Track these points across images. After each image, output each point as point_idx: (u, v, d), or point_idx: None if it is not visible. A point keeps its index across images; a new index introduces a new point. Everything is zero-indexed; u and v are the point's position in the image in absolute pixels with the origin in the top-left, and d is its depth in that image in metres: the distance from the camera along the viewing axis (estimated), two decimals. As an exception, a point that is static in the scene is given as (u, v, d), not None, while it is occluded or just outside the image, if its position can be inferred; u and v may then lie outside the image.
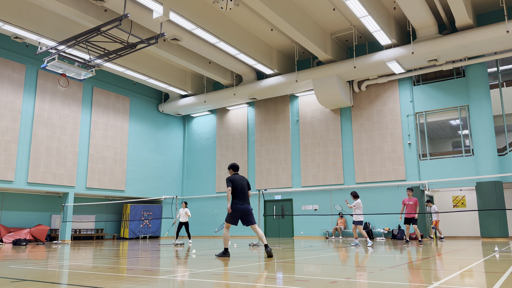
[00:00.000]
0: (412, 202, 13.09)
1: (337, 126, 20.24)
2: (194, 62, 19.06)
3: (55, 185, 18.59)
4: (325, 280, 4.80)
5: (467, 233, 19.06)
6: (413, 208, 13.01)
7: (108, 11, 14.82)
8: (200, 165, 24.48)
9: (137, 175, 22.25)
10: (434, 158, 17.95)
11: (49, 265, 7.09)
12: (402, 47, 16.67)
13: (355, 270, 5.81)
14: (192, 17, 14.73)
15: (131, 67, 19.35)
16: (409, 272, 5.58)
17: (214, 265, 6.77)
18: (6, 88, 17.23)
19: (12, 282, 4.87)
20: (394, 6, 16.44)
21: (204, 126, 24.84)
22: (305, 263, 7.03)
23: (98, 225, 21.78)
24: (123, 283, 4.68)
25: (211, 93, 22.25)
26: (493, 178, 16.05)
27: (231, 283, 4.57)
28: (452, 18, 16.51)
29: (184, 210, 15.44)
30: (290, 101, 21.82)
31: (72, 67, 12.27)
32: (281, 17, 14.69)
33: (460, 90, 17.75)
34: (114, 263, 7.38)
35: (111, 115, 21.38)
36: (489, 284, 4.33)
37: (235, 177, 8.47)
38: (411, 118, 18.58)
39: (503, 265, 6.24)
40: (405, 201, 13.24)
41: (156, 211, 22.92)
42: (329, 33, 18.26)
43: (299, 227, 20.55)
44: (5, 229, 17.10)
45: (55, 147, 18.68)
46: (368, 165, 19.05)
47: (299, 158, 20.98)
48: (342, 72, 18.20)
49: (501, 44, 15.32)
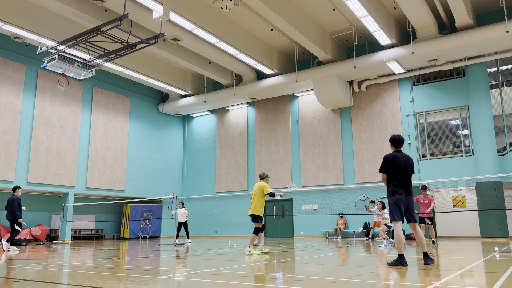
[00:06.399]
0: (427, 201, 12.58)
1: (337, 126, 20.24)
2: (194, 62, 19.06)
3: (55, 185, 18.58)
4: (325, 280, 4.80)
5: (467, 233, 19.05)
6: (428, 207, 12.52)
7: (108, 11, 14.82)
8: (200, 165, 24.47)
9: (137, 175, 22.24)
10: (434, 158, 17.95)
11: (49, 265, 7.09)
12: (402, 47, 16.66)
13: (355, 270, 5.81)
14: (192, 17, 14.73)
15: (131, 67, 19.35)
16: (409, 272, 5.57)
17: (214, 265, 6.77)
18: (6, 88, 17.23)
19: (12, 282, 4.87)
20: (394, 6, 16.43)
21: (204, 126, 24.84)
22: (305, 263, 7.03)
23: (98, 225, 21.78)
24: (123, 283, 4.68)
25: (211, 93, 22.25)
26: (493, 178, 16.05)
27: (231, 283, 4.57)
28: (452, 18, 16.50)
29: (182, 211, 15.52)
30: (290, 101, 21.81)
31: (72, 67, 12.28)
32: (281, 17, 14.69)
33: (460, 90, 17.75)
34: (114, 263, 7.37)
35: (111, 115, 21.37)
36: (489, 284, 4.32)
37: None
38: (411, 118, 18.57)
39: (503, 265, 6.24)
40: (420, 198, 12.70)
41: (156, 211, 22.92)
42: (329, 33, 18.25)
43: (299, 227, 20.55)
44: (5, 229, 17.09)
45: (55, 147, 18.68)
46: (368, 165, 19.04)
47: (299, 158, 20.97)
48: (342, 72, 18.20)
49: (501, 44, 15.31)
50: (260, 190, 9.44)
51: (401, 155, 6.54)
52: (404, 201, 6.35)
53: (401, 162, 6.44)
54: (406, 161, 6.50)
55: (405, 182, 6.40)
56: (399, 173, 6.40)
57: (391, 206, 6.40)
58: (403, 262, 6.13)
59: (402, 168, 6.42)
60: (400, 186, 6.37)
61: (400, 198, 6.33)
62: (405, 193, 6.38)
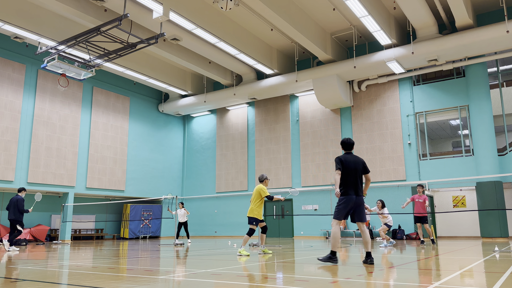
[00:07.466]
0: (422, 199, 12.57)
1: (337, 126, 20.24)
2: (194, 62, 19.06)
3: (55, 185, 18.58)
4: (325, 280, 4.80)
5: (467, 233, 19.05)
6: (423, 206, 12.51)
7: (108, 11, 14.82)
8: (200, 165, 24.47)
9: (137, 175, 22.24)
10: (434, 158, 17.95)
11: (49, 265, 7.09)
12: (402, 47, 16.66)
13: (355, 270, 5.81)
14: (192, 17, 14.73)
15: (131, 67, 19.35)
16: (409, 272, 5.57)
17: (214, 265, 6.77)
18: (6, 88, 17.23)
19: (12, 282, 4.87)
20: (394, 6, 16.43)
21: (204, 126, 24.84)
22: (305, 263, 7.03)
23: (98, 225, 21.78)
24: (123, 283, 4.68)
25: (211, 93, 22.25)
26: (493, 178, 16.04)
27: (231, 283, 4.57)
28: (452, 18, 16.51)
29: (181, 211, 15.55)
30: (290, 101, 21.81)
31: (72, 67, 12.27)
32: (281, 17, 14.69)
33: (460, 90, 17.75)
34: (114, 263, 7.37)
35: (111, 115, 21.37)
36: (489, 284, 4.32)
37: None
38: (411, 118, 18.57)
39: (503, 265, 6.24)
40: (415, 197, 12.68)
41: (156, 211, 22.92)
42: (329, 33, 18.25)
43: (299, 227, 20.55)
44: (5, 229, 17.08)
45: (55, 147, 18.68)
46: (368, 165, 19.01)
47: (299, 158, 20.97)
48: (342, 72, 18.20)
49: (501, 44, 15.31)
50: (258, 193, 9.48)
51: (351, 157, 6.83)
52: (354, 202, 6.62)
53: (351, 164, 6.73)
54: (356, 163, 6.78)
55: (355, 183, 6.68)
56: (350, 174, 6.68)
57: (340, 205, 6.67)
58: (334, 259, 6.53)
59: (352, 169, 6.71)
60: (350, 186, 6.64)
61: (351, 199, 6.61)
62: (355, 193, 6.64)
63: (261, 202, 9.46)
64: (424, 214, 12.58)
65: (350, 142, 6.96)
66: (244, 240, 9.14)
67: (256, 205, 9.43)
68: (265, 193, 9.38)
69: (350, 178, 6.67)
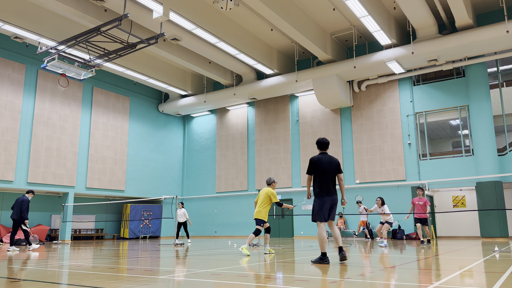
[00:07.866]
0: (422, 202, 12.73)
1: (337, 126, 20.24)
2: (194, 62, 19.06)
3: (55, 185, 18.58)
4: (325, 280, 4.80)
5: (467, 233, 19.06)
6: (424, 208, 12.67)
7: (108, 11, 14.82)
8: (200, 165, 24.47)
9: (137, 175, 22.24)
10: (434, 158, 17.95)
11: (49, 265, 7.09)
12: (402, 47, 16.66)
13: (355, 270, 5.81)
14: (192, 17, 14.73)
15: (131, 67, 19.35)
16: (409, 272, 5.57)
17: (214, 265, 6.77)
18: (6, 88, 17.23)
19: (12, 282, 4.87)
20: (394, 6, 16.43)
21: (204, 126, 24.84)
22: (305, 263, 7.03)
23: (98, 225, 21.78)
24: (123, 283, 4.68)
25: (211, 93, 22.25)
26: (493, 178, 16.05)
27: (231, 283, 4.57)
28: (452, 18, 16.50)
29: (181, 211, 15.55)
30: (290, 101, 21.81)
31: (72, 67, 12.28)
32: (281, 17, 14.68)
33: (460, 90, 17.75)
34: (114, 263, 7.37)
35: (111, 115, 21.37)
36: (489, 284, 4.33)
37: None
38: (411, 118, 18.57)
39: (503, 265, 6.24)
40: (415, 200, 12.86)
41: (156, 211, 22.92)
42: (329, 33, 18.25)
43: (299, 227, 20.55)
44: (5, 229, 17.09)
45: (55, 147, 18.68)
46: (368, 165, 19.04)
47: (299, 158, 20.97)
48: (342, 72, 18.20)
49: (501, 44, 15.31)
50: (267, 197, 9.55)
51: (325, 157, 6.89)
52: (329, 202, 6.72)
53: (325, 164, 6.80)
54: (330, 163, 6.84)
55: (328, 183, 6.76)
56: (324, 174, 6.76)
57: (316, 207, 6.75)
58: (325, 260, 6.63)
59: (327, 169, 6.78)
60: (323, 187, 6.73)
61: (325, 200, 6.70)
62: (328, 194, 6.74)
63: (269, 204, 9.61)
64: (425, 215, 12.67)
65: (325, 141, 7.00)
66: (249, 238, 9.18)
67: (264, 208, 9.53)
68: (275, 199, 9.55)
69: (322, 177, 6.74)
